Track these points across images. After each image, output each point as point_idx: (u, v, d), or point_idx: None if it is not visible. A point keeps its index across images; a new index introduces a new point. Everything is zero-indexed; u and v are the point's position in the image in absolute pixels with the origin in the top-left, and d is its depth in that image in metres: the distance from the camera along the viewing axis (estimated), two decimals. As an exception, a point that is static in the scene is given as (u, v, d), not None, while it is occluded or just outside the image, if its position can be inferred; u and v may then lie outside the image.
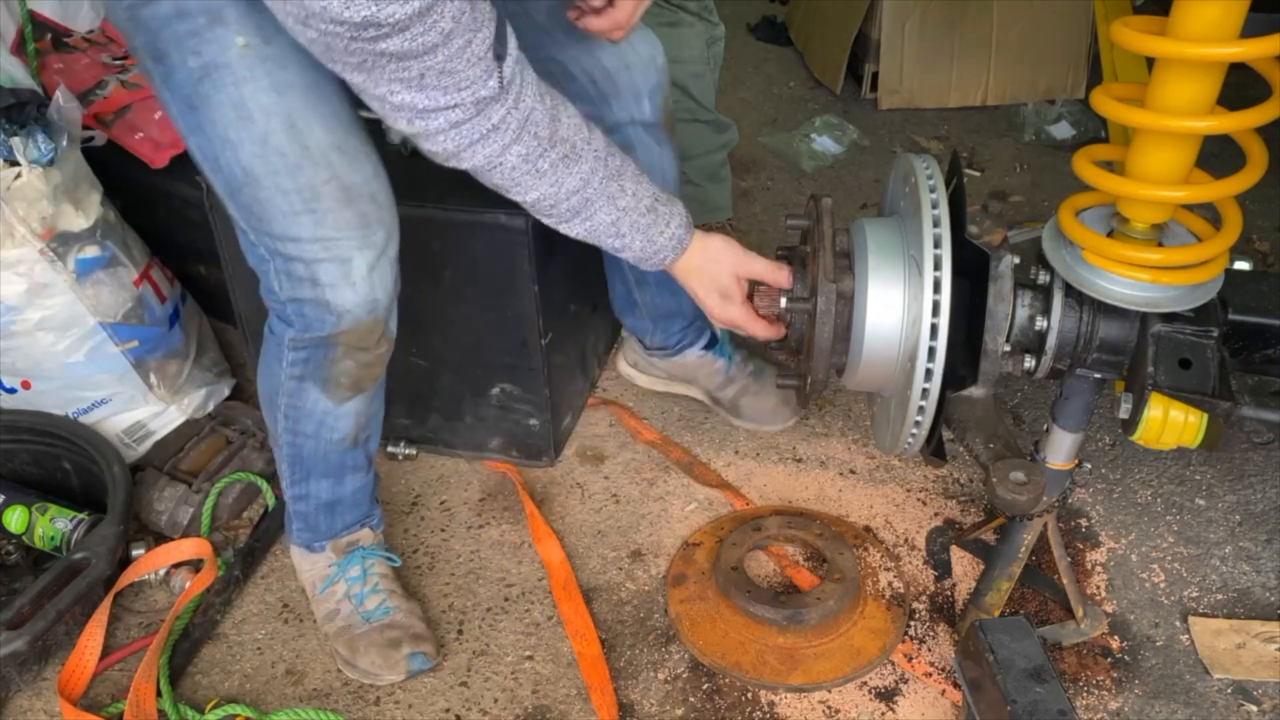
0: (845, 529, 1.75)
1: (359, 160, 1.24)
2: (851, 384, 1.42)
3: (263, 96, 1.16)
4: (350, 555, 1.59)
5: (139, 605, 1.66)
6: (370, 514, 1.63)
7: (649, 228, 1.36)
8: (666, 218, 1.38)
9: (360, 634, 1.54)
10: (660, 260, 1.41)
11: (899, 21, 3.05)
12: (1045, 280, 1.37)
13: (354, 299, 1.28)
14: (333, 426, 1.44)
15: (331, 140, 1.20)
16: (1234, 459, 1.87)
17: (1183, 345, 1.31)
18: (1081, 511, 1.79)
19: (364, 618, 1.55)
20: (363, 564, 1.58)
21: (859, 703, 1.50)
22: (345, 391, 1.40)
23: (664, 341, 1.93)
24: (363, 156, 1.25)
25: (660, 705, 1.50)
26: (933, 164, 1.34)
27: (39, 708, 1.50)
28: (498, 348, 1.78)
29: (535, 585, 1.69)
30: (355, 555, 1.59)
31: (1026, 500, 1.31)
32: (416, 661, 1.52)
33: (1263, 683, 1.51)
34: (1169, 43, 1.12)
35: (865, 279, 1.32)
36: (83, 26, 2.17)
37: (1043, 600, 1.62)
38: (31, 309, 1.69)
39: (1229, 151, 1.26)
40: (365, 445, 1.52)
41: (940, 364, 1.27)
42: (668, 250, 1.39)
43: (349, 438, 1.47)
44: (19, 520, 1.68)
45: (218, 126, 1.17)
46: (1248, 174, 1.23)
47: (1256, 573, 1.68)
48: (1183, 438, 1.30)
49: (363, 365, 1.38)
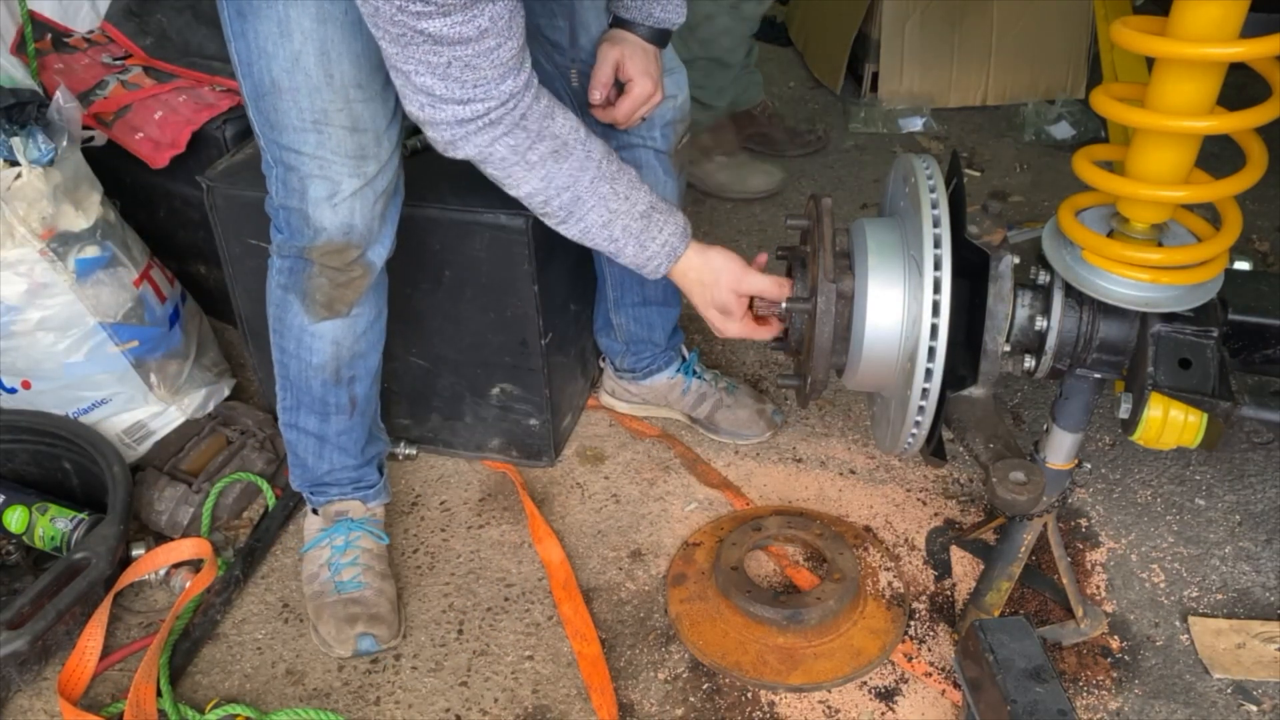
0: (845, 529, 1.75)
1: (374, 101, 1.33)
2: (851, 384, 1.42)
3: (306, 20, 1.25)
4: (337, 524, 1.65)
5: (139, 605, 1.66)
6: (363, 483, 1.68)
7: (642, 233, 1.39)
8: (660, 224, 1.40)
9: (328, 603, 1.59)
10: (655, 267, 1.43)
11: (899, 21, 3.05)
12: (1045, 280, 1.37)
13: (332, 219, 1.37)
14: (310, 347, 1.51)
15: (355, 76, 1.30)
16: (1234, 459, 1.87)
17: (1183, 345, 1.31)
18: (1081, 511, 1.79)
19: (336, 587, 1.59)
20: (347, 535, 1.64)
21: (859, 703, 1.50)
22: (321, 310, 1.47)
23: (633, 365, 1.96)
24: (379, 99, 1.34)
25: (660, 705, 1.50)
26: (933, 164, 1.34)
27: (39, 708, 1.50)
28: (498, 348, 1.78)
29: (535, 585, 1.69)
30: (342, 525, 1.64)
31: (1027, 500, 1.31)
32: (365, 642, 1.55)
33: (1262, 683, 1.51)
34: (1169, 43, 1.12)
35: (865, 279, 1.32)
36: (83, 26, 2.17)
37: (1043, 600, 1.62)
38: (32, 309, 1.69)
39: (1229, 151, 1.26)
40: (349, 386, 1.56)
41: (940, 364, 1.27)
42: (661, 258, 1.42)
43: (327, 366, 1.52)
44: (19, 520, 1.68)
45: (260, 37, 1.27)
46: (1247, 174, 1.23)
47: (1256, 573, 1.68)
48: (1183, 438, 1.30)
49: (336, 285, 1.44)
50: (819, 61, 3.35)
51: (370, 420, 1.66)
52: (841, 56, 3.18)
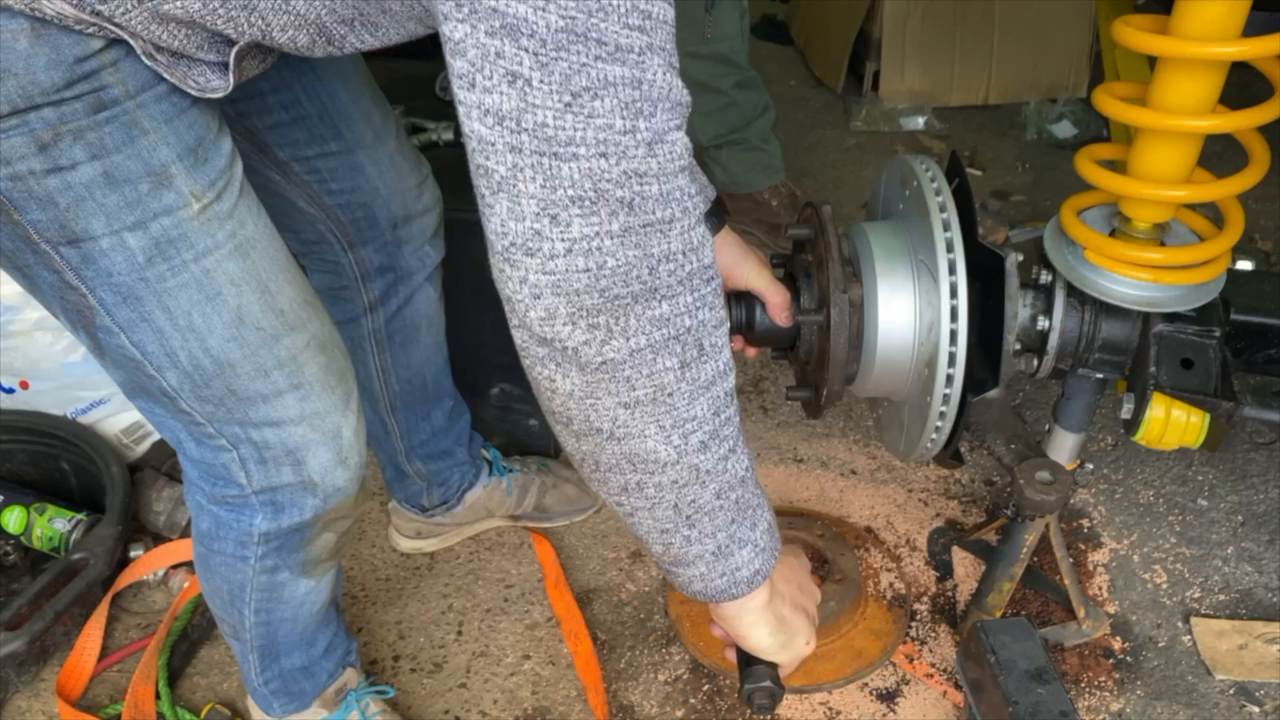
0: (846, 530, 1.74)
1: (319, 303, 1.06)
2: (861, 392, 1.40)
3: (229, 265, 0.93)
4: (343, 704, 1.42)
5: (137, 606, 1.66)
6: (348, 651, 1.44)
7: None
8: None
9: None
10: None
11: (900, 20, 3.04)
12: (1047, 280, 1.36)
13: (345, 476, 1.10)
14: (314, 601, 1.28)
15: (299, 294, 1.01)
16: (1236, 459, 1.86)
17: (1185, 345, 1.30)
18: (1083, 512, 1.78)
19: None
20: (358, 706, 1.43)
21: (860, 704, 1.49)
22: (327, 564, 1.24)
23: (443, 496, 1.69)
24: (317, 295, 1.06)
25: (661, 706, 1.50)
26: (932, 165, 1.33)
27: (37, 709, 1.50)
28: (497, 348, 1.78)
29: (535, 586, 1.68)
30: (348, 702, 1.42)
31: (1055, 499, 1.31)
32: None
33: (1265, 684, 1.50)
34: (1171, 41, 1.12)
35: (874, 286, 1.31)
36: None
37: (1045, 601, 1.62)
38: (30, 308, 1.69)
39: (1231, 151, 1.25)
40: (336, 594, 1.37)
41: (960, 369, 1.25)
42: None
43: (327, 602, 1.32)
44: (17, 521, 1.68)
45: (176, 316, 0.93)
46: (1250, 173, 1.23)
47: (1259, 573, 1.67)
48: (1185, 438, 1.29)
49: (342, 533, 1.20)
50: (820, 60, 3.35)
51: None
52: (843, 55, 3.17)
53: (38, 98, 0.79)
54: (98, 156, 0.83)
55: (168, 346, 0.94)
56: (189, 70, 0.85)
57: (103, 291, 0.90)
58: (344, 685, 1.42)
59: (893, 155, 1.90)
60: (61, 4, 0.77)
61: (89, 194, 0.84)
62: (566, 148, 0.67)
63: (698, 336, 0.79)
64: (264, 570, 1.18)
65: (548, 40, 0.64)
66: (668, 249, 0.74)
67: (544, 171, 0.68)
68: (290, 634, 1.30)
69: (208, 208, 0.90)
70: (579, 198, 0.69)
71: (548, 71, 0.65)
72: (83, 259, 0.88)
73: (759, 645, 1.01)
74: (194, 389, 0.99)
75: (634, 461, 0.83)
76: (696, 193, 0.75)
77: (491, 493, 1.73)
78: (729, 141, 2.39)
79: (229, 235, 0.92)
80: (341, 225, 1.30)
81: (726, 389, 0.84)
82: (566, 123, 0.67)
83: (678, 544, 0.90)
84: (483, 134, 0.68)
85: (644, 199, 0.71)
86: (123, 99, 0.83)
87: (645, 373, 0.78)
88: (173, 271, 0.90)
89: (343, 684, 1.42)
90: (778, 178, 2.48)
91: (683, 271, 0.75)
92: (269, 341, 0.98)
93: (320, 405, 1.04)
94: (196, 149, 0.89)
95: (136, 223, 0.87)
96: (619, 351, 0.76)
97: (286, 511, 1.11)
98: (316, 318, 1.04)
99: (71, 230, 0.86)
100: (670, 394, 0.80)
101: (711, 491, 0.87)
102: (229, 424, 1.02)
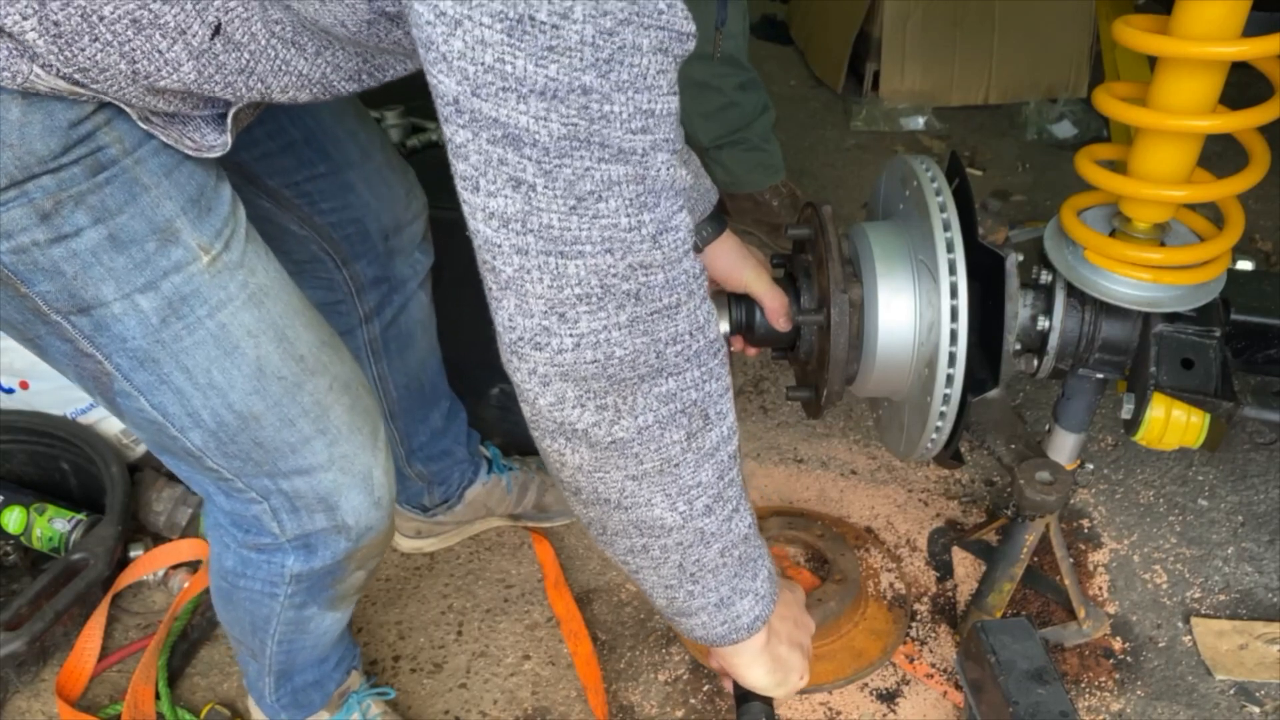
0: (846, 530, 1.74)
1: (338, 341, 1.04)
2: (862, 392, 1.40)
3: (245, 316, 0.91)
4: (345, 706, 1.42)
5: (137, 606, 1.65)
6: (353, 657, 1.44)
7: None
8: None
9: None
10: None
11: (900, 20, 3.04)
12: (1047, 280, 1.36)
13: (378, 515, 1.08)
14: (335, 631, 1.29)
15: (317, 336, 0.99)
16: (1236, 459, 1.86)
17: (1185, 345, 1.30)
18: (1084, 512, 1.78)
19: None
20: (359, 708, 1.42)
21: (860, 704, 1.49)
22: (353, 598, 1.25)
23: (444, 495, 1.69)
24: (338, 337, 1.05)
25: (661, 707, 1.50)
26: (932, 165, 1.33)
27: (37, 709, 1.50)
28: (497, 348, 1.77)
29: (535, 586, 1.68)
30: (350, 704, 1.42)
31: (1055, 499, 1.31)
32: None
33: (1265, 684, 1.50)
34: (1171, 41, 1.12)
35: (874, 286, 1.31)
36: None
37: (1045, 601, 1.62)
38: (30, 309, 1.69)
39: (1231, 151, 1.25)
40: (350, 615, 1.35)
41: (961, 369, 1.25)
42: None
43: (347, 624, 1.33)
44: (17, 521, 1.68)
45: (195, 375, 0.91)
46: (1250, 173, 1.23)
47: (1259, 574, 1.67)
48: (1185, 438, 1.29)
49: (371, 571, 1.20)
50: (820, 60, 3.35)
51: None
52: (843, 55, 3.17)
53: (35, 167, 0.77)
54: (101, 220, 0.82)
55: (189, 406, 0.93)
56: (184, 129, 0.85)
57: (118, 357, 0.88)
58: (346, 688, 1.43)
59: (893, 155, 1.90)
60: (55, 80, 0.76)
61: (96, 259, 0.83)
62: (572, 246, 0.68)
63: (703, 408, 0.80)
64: (292, 606, 1.17)
65: (550, 149, 0.64)
66: (675, 331, 0.75)
67: (550, 271, 0.69)
68: (309, 658, 1.31)
69: (217, 259, 0.89)
70: (586, 295, 0.70)
71: (551, 178, 0.65)
72: (95, 326, 0.86)
73: (756, 683, 1.02)
74: (219, 446, 0.97)
75: (640, 528, 0.85)
76: (700, 271, 0.75)
77: (491, 490, 1.73)
78: (730, 142, 2.38)
79: (241, 285, 0.91)
80: (334, 243, 1.30)
81: (730, 452, 0.85)
82: (572, 224, 0.67)
83: (681, 598, 0.91)
84: (488, 235, 0.69)
85: (650, 288, 0.72)
86: (121, 157, 0.82)
87: (653, 447, 0.79)
88: (188, 330, 0.88)
89: (345, 687, 1.42)
90: (778, 178, 2.48)
91: (689, 350, 0.76)
92: (292, 390, 0.96)
93: (349, 448, 1.03)
94: (199, 199, 0.87)
95: (147, 283, 0.85)
96: (628, 430, 0.77)
97: (319, 554, 1.09)
98: (337, 358, 1.02)
99: (81, 298, 0.84)
100: (677, 464, 0.81)
101: (715, 550, 0.88)
102: (258, 477, 1.01)
